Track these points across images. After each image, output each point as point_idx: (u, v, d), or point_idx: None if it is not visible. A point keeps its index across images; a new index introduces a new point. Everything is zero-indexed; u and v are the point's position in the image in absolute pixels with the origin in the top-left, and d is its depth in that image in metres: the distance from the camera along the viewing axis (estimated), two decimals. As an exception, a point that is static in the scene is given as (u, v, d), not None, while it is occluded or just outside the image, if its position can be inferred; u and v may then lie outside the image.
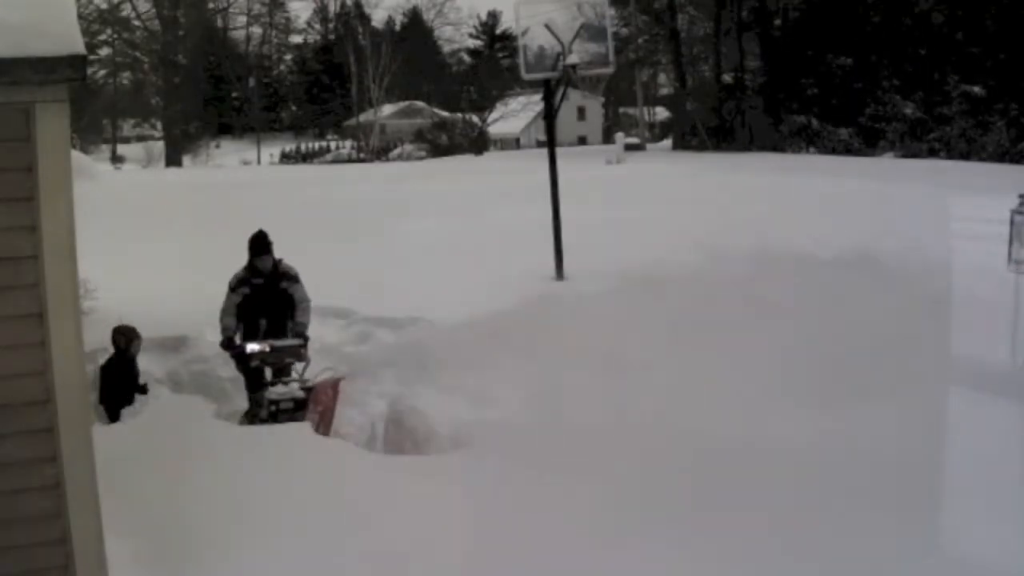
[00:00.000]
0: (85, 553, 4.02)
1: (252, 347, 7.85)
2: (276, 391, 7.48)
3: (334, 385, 7.68)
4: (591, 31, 11.77)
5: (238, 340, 8.09)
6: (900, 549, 5.02)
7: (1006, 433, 6.62)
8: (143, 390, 8.02)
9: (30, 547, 3.98)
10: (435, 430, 7.15)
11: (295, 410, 7.36)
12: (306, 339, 8.08)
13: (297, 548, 5.09)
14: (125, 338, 8.03)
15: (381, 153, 52.39)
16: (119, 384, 7.84)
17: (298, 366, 7.95)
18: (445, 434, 7.16)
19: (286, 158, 60.84)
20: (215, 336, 8.32)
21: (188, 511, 5.40)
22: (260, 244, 8.12)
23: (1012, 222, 8.01)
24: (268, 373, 8.03)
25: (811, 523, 5.24)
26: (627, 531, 5.29)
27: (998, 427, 6.65)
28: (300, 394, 7.47)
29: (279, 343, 7.93)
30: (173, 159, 51.75)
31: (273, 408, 7.36)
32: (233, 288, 8.16)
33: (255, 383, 7.97)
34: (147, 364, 8.48)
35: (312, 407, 7.45)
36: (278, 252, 8.28)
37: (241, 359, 8.01)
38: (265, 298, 8.12)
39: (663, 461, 6.22)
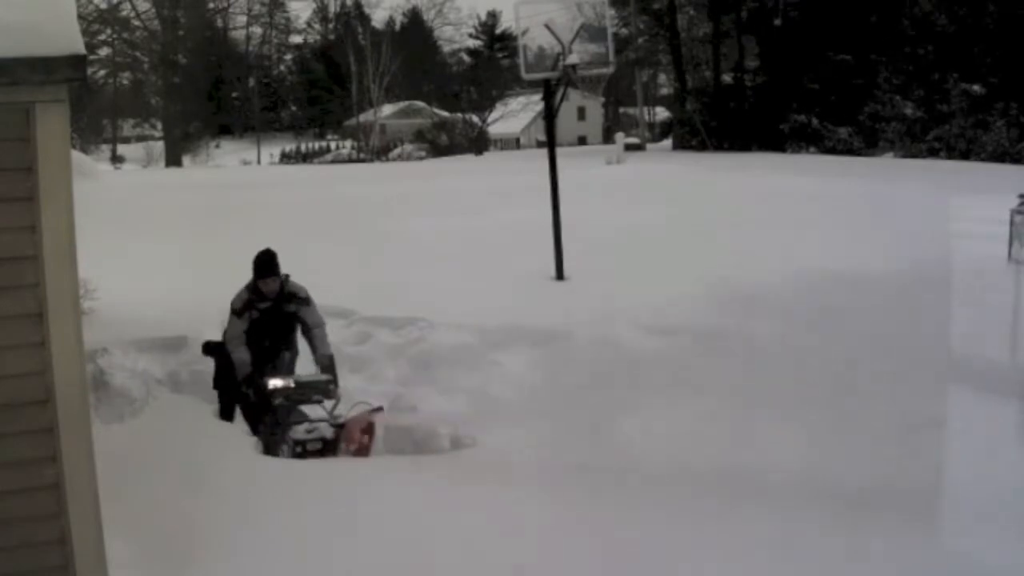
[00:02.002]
0: (85, 553, 4.02)
1: (276, 383, 7.04)
2: (301, 430, 6.71)
3: (370, 421, 6.82)
4: (591, 31, 11.74)
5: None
6: None
7: None
8: None
9: (30, 547, 3.98)
10: (435, 430, 7.15)
11: (323, 451, 6.67)
12: (335, 374, 7.26)
13: (297, 549, 5.09)
14: None
15: (381, 153, 52.40)
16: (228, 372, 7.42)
17: (327, 403, 7.09)
18: (445, 434, 7.15)
19: (286, 158, 60.87)
20: (215, 336, 8.27)
21: (188, 511, 5.40)
22: (266, 265, 7.22)
23: (1012, 222, 8.01)
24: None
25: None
26: (627, 530, 5.29)
27: None
28: (329, 433, 6.74)
29: (306, 379, 7.18)
30: (173, 159, 51.74)
31: (299, 449, 6.62)
32: (238, 312, 7.29)
33: (263, 419, 7.10)
34: (147, 364, 8.47)
35: (345, 446, 6.73)
36: (279, 253, 7.91)
37: (258, 396, 7.11)
38: (272, 323, 7.36)
39: (664, 460, 6.23)
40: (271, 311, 7.35)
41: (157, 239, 13.71)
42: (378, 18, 69.67)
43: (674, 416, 7.14)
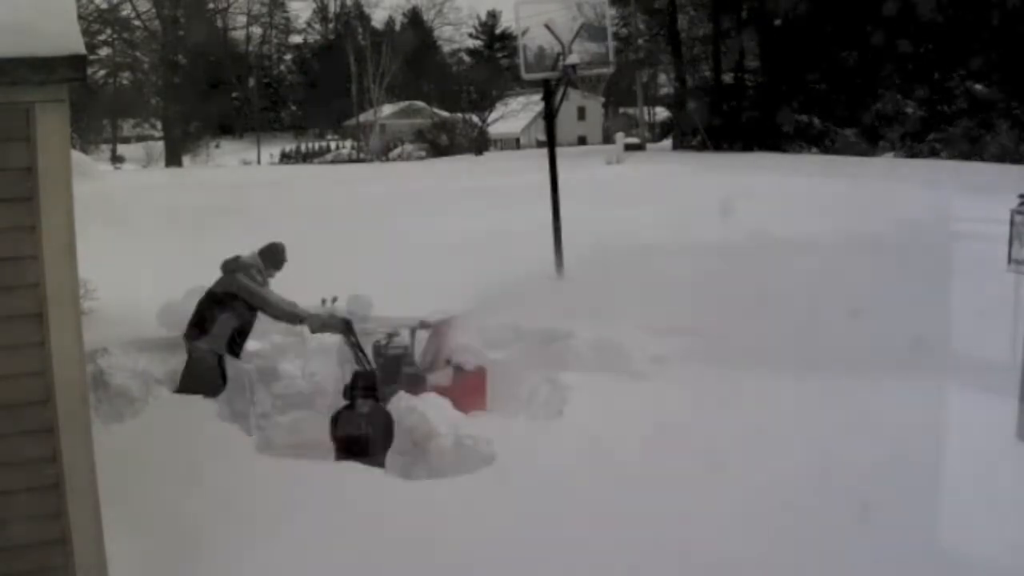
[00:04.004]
0: (85, 553, 4.02)
1: None
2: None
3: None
4: (591, 31, 11.73)
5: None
6: None
7: None
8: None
9: (30, 547, 3.98)
10: (435, 430, 7.15)
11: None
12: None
13: (297, 548, 5.09)
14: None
15: (381, 153, 52.39)
16: None
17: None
18: (445, 434, 7.15)
19: (286, 158, 60.85)
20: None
21: (188, 511, 5.40)
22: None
23: (1012, 222, 7.96)
24: None
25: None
26: (629, 530, 5.29)
27: None
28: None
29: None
30: (173, 159, 51.70)
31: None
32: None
33: None
34: (147, 364, 8.47)
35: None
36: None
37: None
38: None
39: (666, 457, 6.23)
40: None
41: (157, 239, 13.72)
42: (378, 18, 69.53)
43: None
